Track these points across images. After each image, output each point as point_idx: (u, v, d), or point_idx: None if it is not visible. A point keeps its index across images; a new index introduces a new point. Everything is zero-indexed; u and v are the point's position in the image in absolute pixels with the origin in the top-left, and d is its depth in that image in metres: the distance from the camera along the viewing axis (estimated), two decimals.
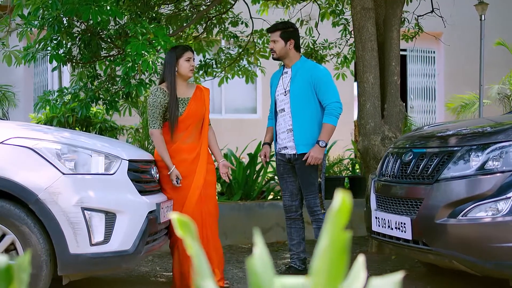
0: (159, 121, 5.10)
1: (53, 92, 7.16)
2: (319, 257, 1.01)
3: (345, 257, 1.00)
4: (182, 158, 5.10)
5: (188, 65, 5.17)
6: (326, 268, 1.02)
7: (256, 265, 1.01)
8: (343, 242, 1.01)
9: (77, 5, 5.85)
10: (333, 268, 1.01)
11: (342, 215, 1.00)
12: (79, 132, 5.41)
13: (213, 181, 5.29)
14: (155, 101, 5.11)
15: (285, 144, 5.48)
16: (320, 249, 1.00)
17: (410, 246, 4.59)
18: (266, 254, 1.03)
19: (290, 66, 5.51)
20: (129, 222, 4.39)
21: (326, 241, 1.01)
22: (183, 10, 8.33)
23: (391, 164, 5.04)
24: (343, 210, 1.00)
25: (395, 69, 6.67)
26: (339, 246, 1.01)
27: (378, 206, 5.01)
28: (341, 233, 1.01)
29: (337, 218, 1.01)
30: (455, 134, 4.76)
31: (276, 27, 5.62)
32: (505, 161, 4.21)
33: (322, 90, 5.38)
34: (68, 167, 4.27)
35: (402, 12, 6.87)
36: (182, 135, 5.13)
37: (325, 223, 0.96)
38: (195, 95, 5.23)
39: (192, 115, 5.15)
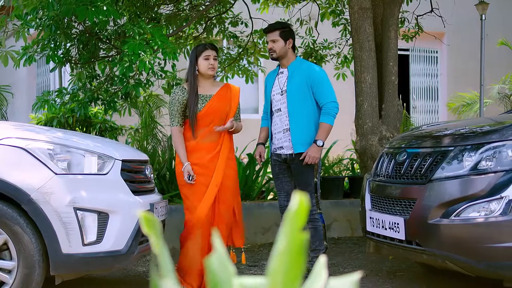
0: (178, 118, 5.09)
1: (52, 92, 7.18)
2: (276, 258, 1.01)
3: (302, 258, 1.00)
4: (200, 155, 5.05)
5: (206, 64, 5.12)
6: (283, 269, 1.02)
7: (214, 265, 1.01)
8: (300, 243, 1.01)
9: (73, 5, 5.86)
10: (290, 269, 1.01)
11: (300, 216, 1.00)
12: (72, 132, 5.42)
13: (230, 187, 5.15)
14: (174, 99, 5.12)
15: (281, 144, 5.44)
16: (277, 250, 1.00)
17: (404, 246, 4.59)
18: (225, 254, 1.03)
19: (286, 66, 5.50)
20: (122, 222, 4.39)
21: (284, 242, 1.01)
22: (182, 10, 8.34)
23: (385, 164, 5.03)
24: (300, 211, 1.00)
25: (392, 69, 6.66)
26: (296, 247, 1.01)
27: (372, 206, 5.01)
28: (298, 234, 1.01)
29: (295, 220, 1.01)
30: (449, 134, 4.75)
31: (274, 26, 5.60)
32: (498, 161, 4.20)
33: (319, 90, 5.37)
34: (61, 167, 4.28)
35: (400, 12, 6.86)
36: (202, 132, 5.07)
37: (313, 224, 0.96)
38: (219, 93, 5.18)
39: (212, 112, 5.08)
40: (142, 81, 6.52)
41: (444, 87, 13.88)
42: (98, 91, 7.06)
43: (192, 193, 5.04)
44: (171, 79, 7.78)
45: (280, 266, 1.01)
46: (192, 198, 5.03)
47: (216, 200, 5.05)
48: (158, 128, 8.15)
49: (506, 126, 4.40)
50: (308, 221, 5.47)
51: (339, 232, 8.14)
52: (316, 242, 5.43)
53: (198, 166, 5.01)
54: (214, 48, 5.25)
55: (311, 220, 5.46)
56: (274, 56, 5.51)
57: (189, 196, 5.05)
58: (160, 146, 8.07)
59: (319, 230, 5.46)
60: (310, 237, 5.45)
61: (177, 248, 7.34)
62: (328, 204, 8.31)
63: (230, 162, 5.17)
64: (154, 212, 4.76)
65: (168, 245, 7.35)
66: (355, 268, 6.08)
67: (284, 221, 0.98)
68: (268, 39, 5.54)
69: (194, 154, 5.05)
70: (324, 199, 8.53)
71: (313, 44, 9.05)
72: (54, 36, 6.39)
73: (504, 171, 4.16)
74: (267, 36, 5.58)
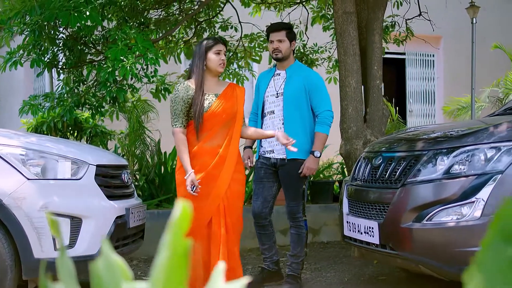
0: (181, 118, 4.58)
1: (38, 96, 7.20)
2: (159, 265, 1.00)
3: (185, 265, 0.99)
4: (203, 161, 4.55)
5: (218, 59, 4.64)
6: (166, 276, 1.01)
7: (100, 269, 1.01)
8: (184, 250, 1.00)
9: (57, 10, 5.88)
10: (173, 276, 1.01)
11: (183, 223, 1.00)
12: (47, 137, 5.43)
13: (240, 192, 4.68)
14: (177, 96, 4.60)
15: (272, 147, 5.32)
16: (160, 257, 1.00)
17: (379, 250, 4.58)
18: (113, 258, 1.02)
19: (285, 68, 5.41)
20: (95, 227, 4.40)
21: (167, 249, 1.00)
22: (172, 15, 8.36)
23: (362, 168, 5.03)
24: (183, 218, 0.99)
25: (377, 73, 6.65)
26: (180, 254, 1.01)
27: (350, 211, 5.00)
28: (182, 241, 1.00)
29: (178, 226, 1.01)
30: (424, 137, 4.74)
31: (281, 26, 5.50)
32: (471, 165, 4.19)
33: (316, 98, 5.33)
34: (33, 172, 4.29)
35: (383, 16, 6.85)
36: (206, 135, 4.57)
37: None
38: (225, 92, 4.69)
39: (218, 113, 4.59)
40: (125, 85, 6.52)
41: (440, 91, 13.86)
42: (86, 95, 7.08)
43: (195, 202, 4.41)
44: (160, 83, 7.79)
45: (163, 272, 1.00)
46: (196, 208, 4.42)
47: (223, 211, 4.54)
48: (146, 133, 8.16)
49: (479, 130, 4.39)
50: (292, 226, 5.44)
51: (328, 236, 8.13)
52: (297, 248, 5.41)
53: (200, 173, 4.52)
54: (225, 43, 4.82)
55: (296, 226, 5.42)
56: (279, 56, 5.36)
57: (194, 205, 4.34)
58: (148, 151, 8.08)
59: (302, 236, 5.43)
60: (292, 242, 5.43)
61: None
62: (317, 208, 8.31)
63: (239, 166, 4.70)
64: (129, 217, 4.77)
65: (156, 250, 7.33)
66: (338, 273, 6.06)
67: (167, 228, 0.97)
68: (274, 38, 5.38)
69: (196, 159, 4.55)
70: (313, 203, 8.54)
71: (303, 48, 9.05)
72: (39, 41, 6.42)
73: (477, 175, 4.15)
74: (272, 35, 5.41)
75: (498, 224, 0.81)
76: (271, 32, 5.45)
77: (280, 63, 5.43)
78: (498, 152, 4.16)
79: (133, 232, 4.92)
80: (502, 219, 0.81)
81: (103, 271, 1.02)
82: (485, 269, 0.82)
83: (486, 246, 0.82)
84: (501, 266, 0.82)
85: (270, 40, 5.43)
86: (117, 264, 1.02)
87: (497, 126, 4.37)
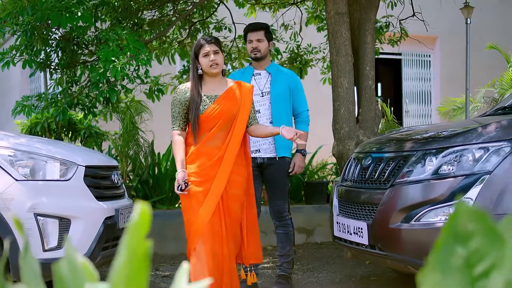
0: (179, 121, 4.51)
1: (31, 97, 7.20)
2: (119, 267, 1.00)
3: (146, 267, 0.99)
4: (201, 163, 4.43)
5: (206, 61, 4.50)
6: (126, 279, 1.01)
7: (63, 271, 1.01)
8: (145, 252, 1.00)
9: (48, 11, 5.88)
10: (133, 278, 1.01)
11: (143, 225, 1.00)
12: (37, 138, 5.42)
13: (237, 195, 4.53)
14: (175, 99, 4.55)
15: (258, 147, 5.34)
16: (119, 259, 0.99)
17: (368, 251, 4.58)
18: (77, 259, 1.02)
19: (263, 68, 5.45)
20: (84, 228, 4.40)
21: (126, 251, 1.00)
22: (166, 16, 8.36)
23: (352, 169, 5.03)
24: (143, 220, 0.99)
25: (369, 73, 6.65)
26: (140, 256, 1.00)
27: (340, 211, 5.00)
28: (142, 243, 1.00)
29: (138, 228, 1.00)
30: (414, 138, 4.74)
31: (260, 26, 5.53)
32: (459, 166, 4.18)
33: (298, 98, 5.47)
34: (22, 173, 4.29)
35: (376, 16, 6.86)
36: (204, 137, 4.47)
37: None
38: (226, 93, 4.55)
39: (216, 115, 4.47)
40: (116, 86, 6.52)
41: (437, 91, 13.85)
42: (79, 96, 7.07)
43: (190, 206, 4.40)
44: (154, 84, 7.79)
45: (123, 276, 1.00)
46: (190, 212, 4.39)
47: (223, 212, 4.42)
48: (140, 134, 8.16)
49: (468, 130, 4.39)
50: (279, 226, 5.45)
51: (322, 237, 8.13)
52: (286, 248, 5.42)
53: (198, 175, 4.41)
54: (214, 41, 4.59)
55: (284, 226, 5.44)
56: (258, 55, 5.40)
57: (187, 209, 4.42)
58: (141, 151, 8.08)
59: (290, 235, 5.45)
60: (280, 242, 5.44)
61: (158, 254, 7.36)
62: (311, 209, 8.31)
63: (239, 168, 4.56)
64: (119, 218, 4.77)
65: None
66: (330, 273, 6.06)
67: (127, 230, 0.97)
68: (253, 38, 5.42)
69: (194, 161, 4.45)
70: (307, 204, 8.54)
71: (297, 49, 9.06)
72: (31, 41, 6.41)
73: (465, 175, 4.15)
74: (251, 35, 5.45)
75: (452, 226, 0.81)
76: (250, 32, 5.49)
77: (258, 62, 5.47)
78: (486, 153, 4.16)
79: (123, 233, 4.91)
80: (455, 221, 0.81)
81: (65, 273, 1.02)
82: (439, 269, 0.83)
83: (439, 247, 0.82)
84: (454, 266, 0.82)
85: (249, 39, 5.47)
86: (81, 265, 1.02)
87: (485, 127, 4.37)
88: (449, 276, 0.80)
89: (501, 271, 0.80)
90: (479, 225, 0.81)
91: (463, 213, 0.80)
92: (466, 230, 0.81)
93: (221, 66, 4.56)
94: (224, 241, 4.37)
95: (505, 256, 0.81)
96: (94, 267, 1.01)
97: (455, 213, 0.79)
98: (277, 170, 5.34)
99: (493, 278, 0.80)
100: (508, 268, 0.80)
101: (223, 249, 4.36)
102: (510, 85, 10.69)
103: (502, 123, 4.39)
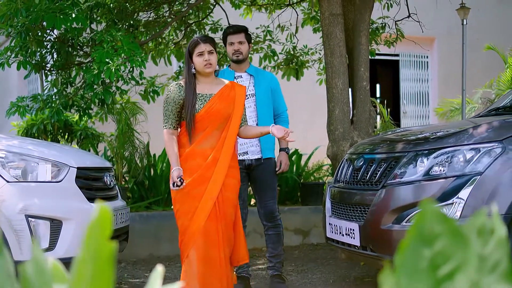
0: (171, 120, 4.43)
1: (26, 98, 7.20)
2: (79, 269, 0.99)
3: (111, 268, 0.98)
4: (196, 163, 4.36)
5: (201, 61, 4.45)
6: (91, 280, 1.00)
7: (29, 272, 1.00)
8: (109, 253, 0.99)
9: (43, 12, 5.89)
10: (98, 280, 1.00)
11: (105, 225, 0.99)
12: (30, 140, 5.42)
13: (232, 199, 4.46)
14: (168, 97, 4.47)
15: (246, 149, 5.37)
16: (79, 261, 0.99)
17: (360, 252, 4.58)
18: (44, 260, 1.02)
19: (244, 70, 5.49)
20: (75, 229, 4.40)
21: (88, 252, 0.99)
22: (162, 17, 8.36)
23: (344, 170, 5.03)
24: (104, 220, 0.98)
25: (364, 74, 6.65)
26: (104, 258, 1.00)
27: (332, 213, 5.00)
28: (106, 244, 1.00)
29: (100, 229, 1.00)
30: (405, 139, 4.74)
31: (241, 28, 5.55)
32: (451, 166, 4.19)
33: (278, 99, 5.55)
34: (13, 174, 4.30)
35: (370, 17, 6.85)
36: (198, 137, 4.40)
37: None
38: (220, 92, 4.50)
39: (212, 114, 4.42)
40: (111, 87, 6.52)
41: (434, 92, 13.85)
42: (74, 97, 7.07)
43: (184, 211, 4.33)
44: (149, 85, 7.79)
45: (87, 277, 0.99)
46: (184, 217, 4.32)
47: (217, 215, 4.34)
48: (135, 135, 8.16)
49: (459, 131, 4.39)
50: (271, 227, 5.45)
51: (317, 238, 8.13)
52: (278, 248, 5.43)
53: (192, 176, 4.33)
54: (209, 41, 4.55)
55: (275, 226, 5.45)
56: (240, 58, 5.43)
57: (182, 213, 4.34)
58: (137, 153, 8.08)
59: (281, 235, 5.48)
60: (272, 243, 5.44)
61: (154, 255, 7.37)
62: (307, 210, 8.31)
63: (233, 170, 4.51)
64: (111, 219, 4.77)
65: (145, 252, 7.36)
66: (324, 274, 6.06)
67: (87, 231, 0.97)
68: (235, 40, 5.45)
69: (189, 162, 4.38)
70: (303, 205, 8.54)
71: (293, 50, 9.06)
72: (26, 43, 6.42)
73: (456, 176, 4.15)
74: (232, 37, 5.48)
75: (417, 227, 0.81)
76: (231, 34, 5.52)
77: (238, 65, 5.50)
78: (477, 154, 4.16)
79: (115, 234, 4.92)
80: (421, 222, 0.81)
81: (32, 274, 1.02)
82: (404, 270, 0.83)
83: (405, 248, 0.82)
84: (419, 267, 0.82)
85: (230, 42, 5.49)
86: (49, 267, 1.02)
87: (476, 128, 4.37)
88: (414, 277, 0.80)
89: (465, 272, 0.80)
90: (445, 227, 0.81)
91: (429, 215, 0.80)
92: (432, 231, 0.81)
93: (215, 66, 4.53)
94: (221, 246, 4.31)
95: (469, 257, 0.81)
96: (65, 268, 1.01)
97: (421, 215, 0.79)
98: (264, 170, 5.40)
99: (458, 280, 0.80)
100: (473, 269, 0.80)
101: (219, 254, 4.30)
102: (507, 86, 10.69)
103: (493, 124, 4.39)
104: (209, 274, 4.26)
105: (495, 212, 0.82)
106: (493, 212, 0.82)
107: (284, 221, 6.37)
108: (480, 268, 0.81)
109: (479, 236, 0.82)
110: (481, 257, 0.81)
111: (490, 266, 0.81)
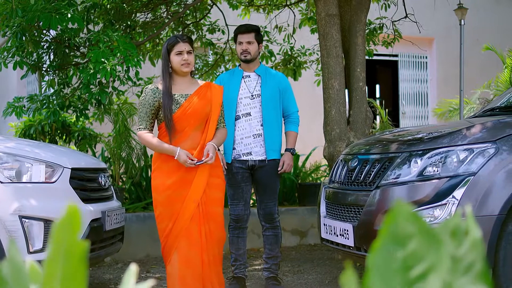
0: (146, 122, 4.41)
1: (22, 98, 7.20)
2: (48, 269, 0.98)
3: (83, 268, 0.98)
4: (175, 165, 4.31)
5: (179, 60, 4.42)
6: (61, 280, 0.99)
7: (5, 272, 1.00)
8: (80, 253, 0.99)
9: (38, 13, 5.89)
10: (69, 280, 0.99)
11: (74, 225, 0.99)
12: (26, 141, 5.42)
13: (219, 198, 4.45)
14: (143, 99, 4.44)
15: (250, 149, 5.33)
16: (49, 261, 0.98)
17: (354, 253, 4.57)
18: (21, 260, 1.01)
19: (253, 70, 5.44)
20: None
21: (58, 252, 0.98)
22: (159, 18, 8.37)
23: (339, 170, 5.03)
24: (73, 220, 0.98)
25: (360, 75, 6.64)
26: (76, 257, 0.99)
27: (327, 213, 5.00)
28: (77, 244, 0.99)
29: (69, 228, 0.99)
30: (399, 140, 4.73)
31: (251, 28, 5.50)
32: (444, 167, 4.18)
33: (287, 99, 5.50)
34: (6, 175, 4.30)
35: (366, 18, 6.85)
36: (177, 137, 4.36)
37: None
38: (197, 92, 4.47)
39: (188, 114, 4.38)
40: (108, 87, 6.52)
41: (433, 93, 13.85)
42: (71, 97, 7.08)
43: (166, 214, 4.32)
44: (146, 86, 7.79)
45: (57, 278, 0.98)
46: (167, 220, 4.31)
47: (200, 217, 4.31)
48: (132, 136, 8.16)
49: (453, 132, 4.38)
50: (269, 228, 5.44)
51: (315, 238, 8.12)
52: (276, 249, 5.42)
53: (173, 177, 4.31)
54: (188, 40, 4.53)
55: (274, 227, 5.44)
56: (248, 58, 5.38)
57: (163, 217, 4.33)
58: (134, 153, 8.08)
59: (279, 237, 5.46)
60: (269, 244, 5.43)
61: (151, 256, 7.37)
62: (305, 211, 8.31)
63: (216, 170, 4.48)
64: (106, 220, 4.77)
65: (142, 252, 7.36)
66: (319, 275, 6.06)
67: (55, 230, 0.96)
68: (244, 40, 5.40)
69: (169, 163, 4.33)
70: (301, 206, 8.54)
71: (291, 51, 9.06)
72: (22, 43, 6.42)
73: (449, 177, 4.14)
74: (241, 37, 5.43)
75: (389, 227, 0.81)
76: (240, 33, 5.45)
77: (247, 65, 5.45)
78: (471, 154, 4.15)
79: (110, 235, 4.92)
80: (393, 223, 0.81)
81: (8, 274, 1.01)
82: (376, 271, 0.82)
83: (377, 249, 0.82)
84: (392, 268, 0.82)
85: (239, 41, 5.44)
86: (25, 267, 1.01)
87: (470, 128, 4.36)
88: (387, 278, 0.80)
89: (438, 273, 0.80)
90: (417, 227, 0.80)
91: (402, 215, 0.80)
92: (404, 232, 0.81)
93: (192, 66, 4.51)
94: (204, 248, 4.30)
95: (442, 258, 0.80)
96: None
97: (394, 215, 0.79)
98: (267, 172, 5.36)
99: (430, 281, 0.80)
100: (445, 270, 0.80)
101: (202, 256, 4.30)
102: (505, 86, 10.68)
103: (487, 124, 4.39)
104: (190, 276, 4.25)
105: (470, 214, 0.81)
106: (468, 214, 0.81)
107: (281, 222, 6.40)
108: (454, 269, 0.80)
109: (453, 237, 0.82)
110: (454, 258, 0.81)
111: (464, 267, 0.80)
